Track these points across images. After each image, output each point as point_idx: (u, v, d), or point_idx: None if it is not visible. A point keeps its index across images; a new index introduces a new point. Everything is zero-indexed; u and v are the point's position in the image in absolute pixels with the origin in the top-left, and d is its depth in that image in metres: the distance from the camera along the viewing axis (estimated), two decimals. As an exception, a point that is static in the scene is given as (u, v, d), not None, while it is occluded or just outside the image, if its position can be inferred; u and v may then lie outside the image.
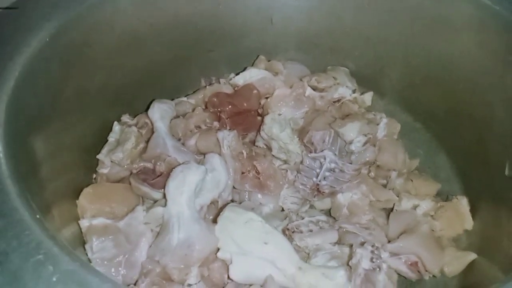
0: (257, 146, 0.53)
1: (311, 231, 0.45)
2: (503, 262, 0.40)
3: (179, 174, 0.41)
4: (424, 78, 0.55)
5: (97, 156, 0.48)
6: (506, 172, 0.44)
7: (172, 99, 0.57)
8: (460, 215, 0.48)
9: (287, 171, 0.52)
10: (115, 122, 0.51)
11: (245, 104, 0.53)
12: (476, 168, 0.51)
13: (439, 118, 0.56)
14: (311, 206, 0.52)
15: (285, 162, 0.52)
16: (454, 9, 0.48)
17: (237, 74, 0.58)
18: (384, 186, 0.53)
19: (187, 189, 0.40)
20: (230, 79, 0.58)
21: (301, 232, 0.44)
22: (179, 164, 0.44)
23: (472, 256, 0.45)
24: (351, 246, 0.44)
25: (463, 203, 0.49)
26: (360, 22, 0.56)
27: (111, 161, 0.47)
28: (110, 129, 0.51)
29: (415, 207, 0.49)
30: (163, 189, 0.42)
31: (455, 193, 0.52)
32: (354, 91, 0.58)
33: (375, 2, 0.53)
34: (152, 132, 0.50)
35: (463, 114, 0.52)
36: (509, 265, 0.39)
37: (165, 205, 0.41)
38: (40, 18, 0.43)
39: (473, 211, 0.49)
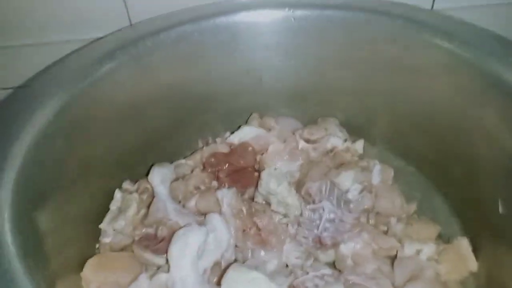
0: (256, 202, 0.54)
1: (316, 286, 0.45)
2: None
3: (181, 237, 0.42)
4: (411, 125, 0.58)
5: (100, 226, 0.49)
6: (500, 210, 0.44)
7: (172, 162, 0.59)
8: (462, 256, 0.48)
9: (287, 225, 0.52)
10: (117, 190, 0.52)
11: (241, 162, 0.55)
12: (472, 208, 0.52)
13: (431, 161, 0.58)
14: (315, 260, 0.52)
15: (285, 216, 0.53)
16: (429, 59, 0.51)
17: (232, 132, 0.61)
18: (385, 232, 0.53)
19: (190, 251, 0.41)
20: (226, 138, 0.61)
21: None
22: (181, 227, 0.44)
23: (481, 299, 0.44)
24: (358, 298, 0.43)
25: (464, 244, 0.49)
26: (342, 77, 0.59)
27: (114, 230, 0.47)
28: (112, 197, 0.52)
29: (418, 252, 0.50)
30: (165, 254, 0.42)
31: (455, 234, 0.52)
32: (345, 140, 0.60)
33: (355, 58, 0.56)
34: (153, 197, 0.51)
35: (452, 156, 0.54)
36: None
37: (168, 270, 0.41)
38: (45, 97, 0.45)
39: (476, 251, 0.49)
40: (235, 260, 0.50)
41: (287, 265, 0.51)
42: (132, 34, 0.54)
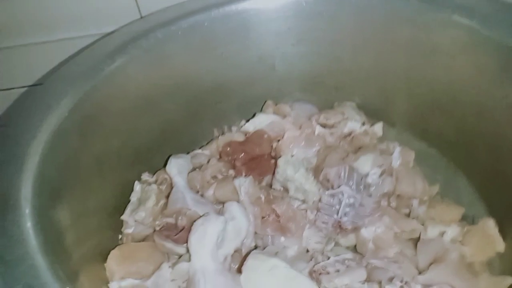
0: (274, 189, 0.54)
1: (338, 271, 0.44)
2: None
3: (200, 227, 0.42)
4: (430, 105, 0.56)
5: (121, 217, 0.49)
6: (528, 190, 0.43)
7: (188, 152, 0.60)
8: (489, 237, 0.47)
9: (306, 211, 0.52)
10: (136, 182, 0.53)
11: (257, 150, 0.55)
12: (498, 189, 0.50)
13: (452, 142, 0.56)
14: (336, 244, 0.52)
15: (304, 202, 0.52)
16: (447, 37, 0.49)
17: (247, 120, 0.60)
18: (407, 215, 0.52)
19: (209, 241, 0.41)
20: (241, 127, 0.60)
21: (328, 273, 0.44)
22: (200, 217, 0.45)
23: (509, 280, 0.43)
24: (380, 283, 0.43)
25: (490, 225, 0.47)
26: (358, 60, 0.58)
27: (135, 221, 0.48)
28: (132, 189, 0.52)
29: (441, 234, 0.48)
30: (186, 244, 0.42)
31: (480, 216, 0.50)
32: (363, 124, 0.59)
33: (370, 40, 0.55)
34: (172, 187, 0.51)
35: (474, 136, 0.52)
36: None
37: (189, 259, 0.41)
38: (59, 94, 0.46)
39: (503, 232, 0.47)
40: (256, 247, 0.50)
41: (307, 250, 0.50)
42: (143, 26, 0.54)
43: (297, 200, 0.52)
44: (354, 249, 0.51)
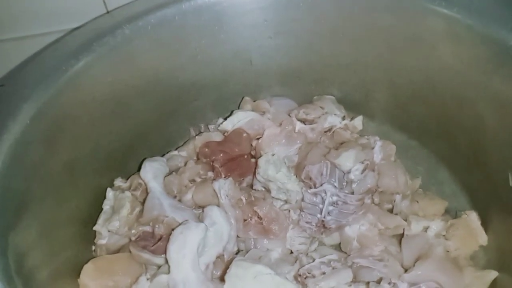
0: (255, 190, 0.52)
1: (324, 273, 0.43)
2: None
3: (179, 236, 0.40)
4: (411, 96, 0.55)
5: (94, 228, 0.47)
6: (511, 183, 0.43)
7: (165, 153, 0.57)
8: (472, 231, 0.47)
9: (289, 211, 0.50)
10: (108, 189, 0.50)
11: (236, 150, 0.53)
12: (479, 180, 0.50)
13: (433, 134, 0.55)
14: (320, 243, 0.51)
15: (286, 202, 0.51)
16: (426, 26, 0.48)
17: (225, 118, 0.58)
18: (390, 210, 0.51)
19: (189, 250, 0.39)
20: (219, 125, 0.58)
21: (314, 276, 0.43)
22: (178, 225, 0.43)
23: (493, 274, 0.43)
24: (367, 283, 0.42)
25: (473, 218, 0.47)
26: (337, 52, 0.56)
27: (109, 231, 0.45)
28: (105, 196, 0.50)
29: (425, 229, 0.48)
30: (165, 254, 0.40)
31: (463, 208, 0.50)
32: (343, 118, 0.57)
33: (349, 30, 0.53)
34: (147, 193, 0.49)
35: (455, 128, 0.51)
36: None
37: (169, 271, 0.39)
38: (19, 99, 0.42)
39: (485, 224, 0.47)
40: (238, 251, 0.48)
41: (291, 251, 0.49)
42: (109, 22, 0.50)
43: (279, 201, 0.51)
44: (339, 247, 0.50)
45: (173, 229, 0.42)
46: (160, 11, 0.50)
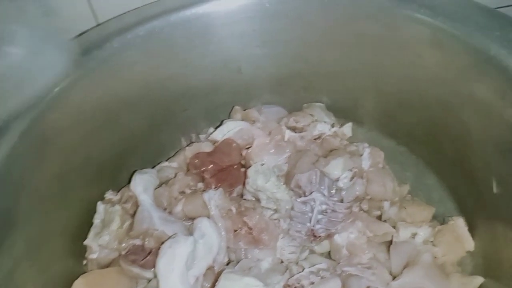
0: (245, 200, 0.53)
1: (312, 283, 0.44)
2: (510, 284, 0.39)
3: (168, 250, 0.40)
4: (398, 103, 0.56)
5: (84, 242, 0.47)
6: (494, 190, 0.43)
7: (156, 164, 0.57)
8: (459, 237, 0.48)
9: (279, 220, 0.51)
10: (99, 202, 0.50)
11: (226, 160, 0.53)
12: (466, 186, 0.51)
13: (421, 140, 0.56)
14: (311, 251, 0.52)
15: (276, 211, 0.51)
16: (412, 35, 0.49)
17: (215, 128, 0.59)
18: (379, 217, 0.52)
19: (178, 265, 0.39)
20: (210, 134, 0.58)
21: (303, 286, 0.43)
22: (168, 238, 0.43)
23: (479, 280, 0.44)
24: (355, 292, 0.43)
25: (460, 223, 0.48)
26: (325, 59, 0.56)
27: (99, 245, 0.46)
28: (95, 210, 0.50)
29: (413, 235, 0.49)
30: (154, 268, 0.41)
31: (450, 213, 0.51)
32: (332, 125, 0.58)
33: (336, 38, 0.54)
34: (137, 205, 0.49)
35: (442, 135, 0.52)
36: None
37: (157, 285, 0.40)
38: (7, 116, 0.43)
39: (472, 230, 0.48)
40: (229, 262, 0.49)
41: (282, 261, 0.50)
42: (98, 35, 0.50)
43: (269, 210, 0.51)
44: (329, 255, 0.51)
45: (162, 243, 0.43)
46: (149, 23, 0.51)
